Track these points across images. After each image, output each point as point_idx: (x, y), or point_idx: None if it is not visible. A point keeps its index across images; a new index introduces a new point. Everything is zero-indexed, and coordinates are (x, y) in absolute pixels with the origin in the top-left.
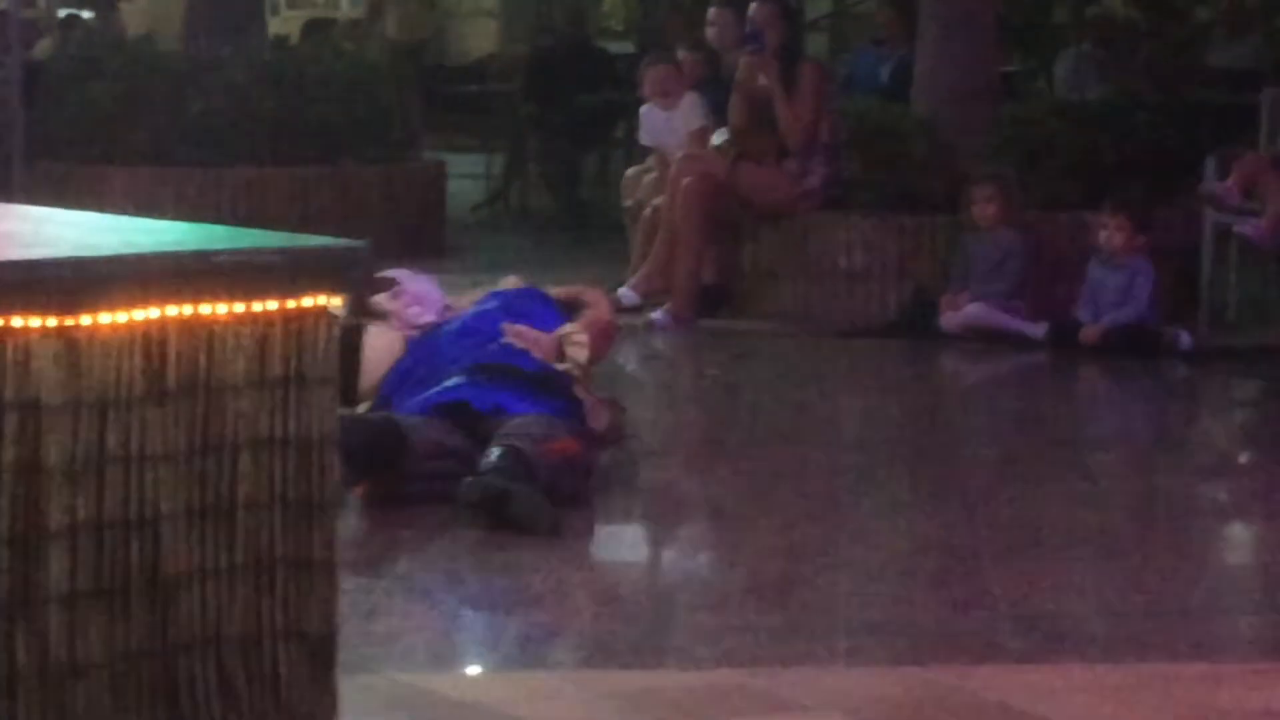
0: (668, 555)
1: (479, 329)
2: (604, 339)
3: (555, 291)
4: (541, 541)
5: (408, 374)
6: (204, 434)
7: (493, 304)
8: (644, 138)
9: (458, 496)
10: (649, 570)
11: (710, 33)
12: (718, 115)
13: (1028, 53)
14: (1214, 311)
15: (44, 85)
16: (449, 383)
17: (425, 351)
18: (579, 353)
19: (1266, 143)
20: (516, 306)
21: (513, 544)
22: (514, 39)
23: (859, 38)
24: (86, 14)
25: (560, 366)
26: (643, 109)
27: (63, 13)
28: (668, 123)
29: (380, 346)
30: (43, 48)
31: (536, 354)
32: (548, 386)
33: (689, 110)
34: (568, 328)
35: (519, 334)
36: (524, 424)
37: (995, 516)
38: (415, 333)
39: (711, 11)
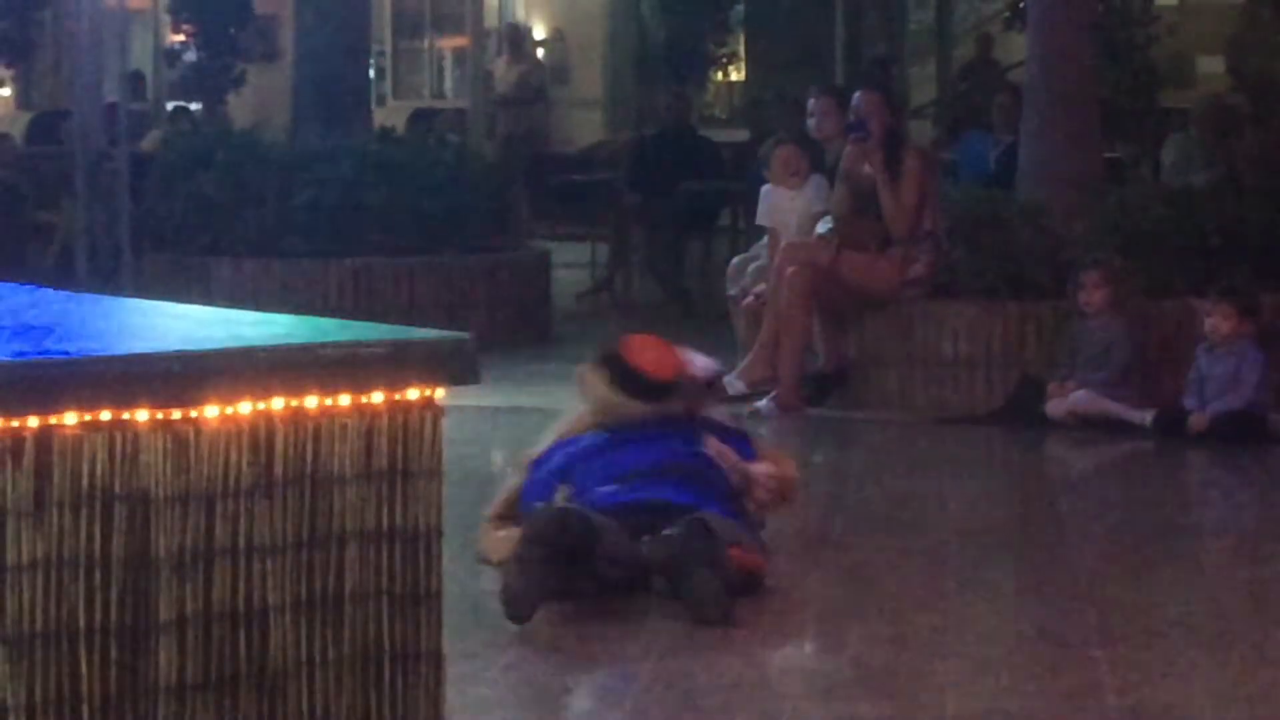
0: (773, 644)
1: (677, 435)
2: (785, 498)
3: (756, 442)
4: (647, 630)
5: (596, 454)
6: (311, 526)
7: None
8: (762, 218)
9: (640, 553)
10: (755, 659)
11: (811, 123)
12: (823, 202)
13: (1133, 138)
14: None
15: (152, 177)
16: (643, 483)
17: (620, 440)
18: (761, 495)
19: None
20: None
21: (613, 633)
22: (618, 127)
23: (967, 124)
24: (194, 106)
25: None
26: (764, 189)
27: (171, 105)
28: (790, 204)
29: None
30: (151, 140)
31: (732, 478)
32: (738, 504)
33: (814, 192)
34: (763, 468)
35: (722, 453)
36: (717, 519)
37: (1104, 606)
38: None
39: (811, 101)
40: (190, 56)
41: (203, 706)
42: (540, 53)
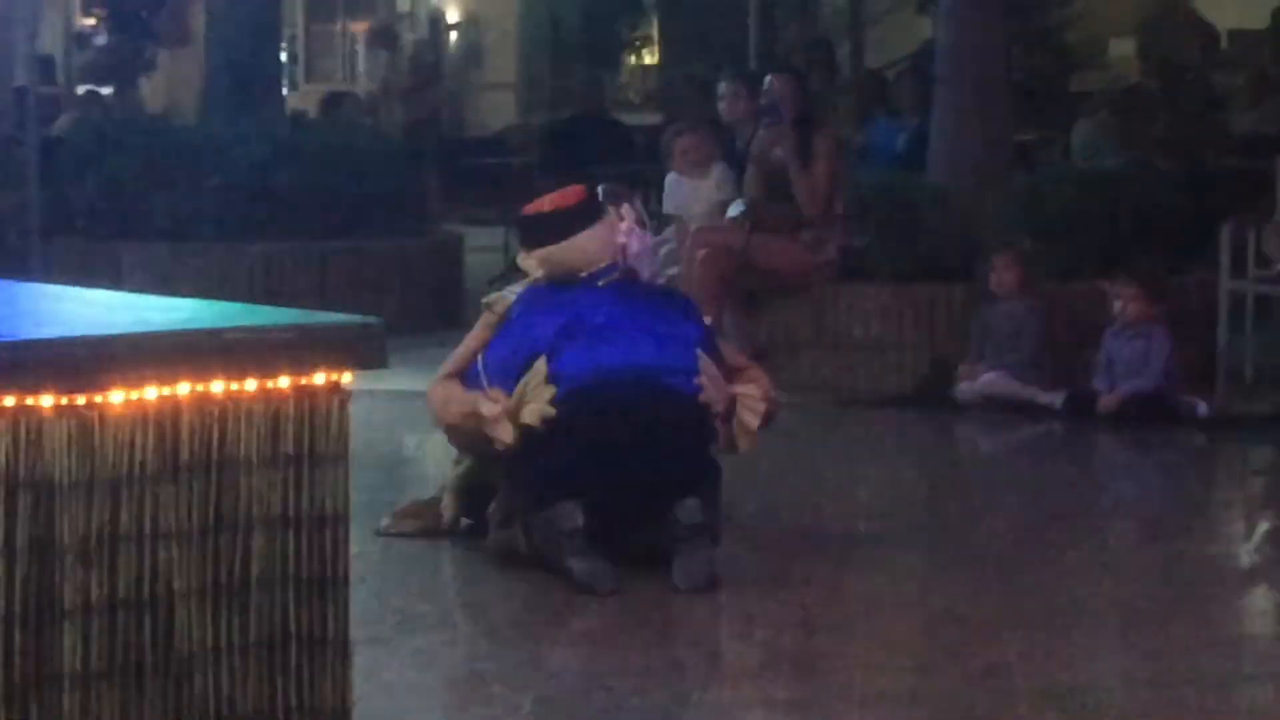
0: (687, 628)
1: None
2: (768, 419)
3: (725, 350)
4: (554, 613)
5: (580, 321)
6: (217, 511)
7: (679, 307)
8: (668, 206)
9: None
10: (666, 644)
11: (722, 106)
12: (731, 188)
13: (1044, 122)
14: (1231, 379)
15: (62, 161)
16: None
17: (608, 306)
18: (750, 420)
19: None
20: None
21: (523, 617)
22: (532, 111)
23: (877, 108)
24: (105, 90)
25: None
26: (669, 178)
27: (81, 89)
28: (694, 192)
29: (598, 239)
30: (61, 124)
31: (710, 394)
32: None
33: (718, 180)
34: (751, 390)
35: (711, 376)
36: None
37: (1013, 587)
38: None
39: (723, 85)
40: (101, 40)
41: (108, 693)
42: (453, 37)
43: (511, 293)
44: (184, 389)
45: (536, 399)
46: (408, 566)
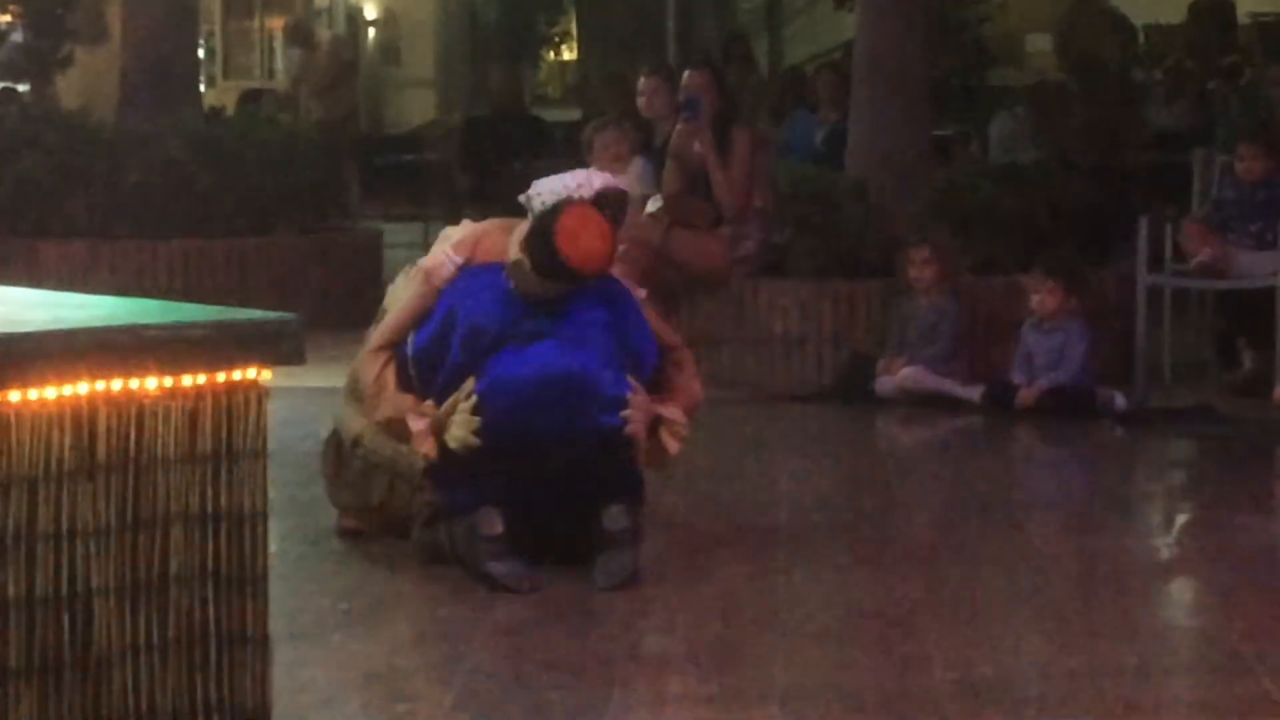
0: (604, 623)
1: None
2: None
3: (656, 325)
4: (475, 610)
5: (513, 333)
6: (135, 509)
7: (601, 311)
8: None
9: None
10: (585, 638)
11: (641, 101)
12: (651, 183)
13: (961, 116)
14: (1149, 372)
15: None
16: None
17: (545, 316)
18: (672, 445)
19: (1198, 203)
20: (628, 325)
21: (443, 613)
22: (450, 107)
23: (794, 104)
24: (22, 87)
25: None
26: None
27: None
28: None
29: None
30: None
31: (636, 427)
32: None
33: (637, 176)
34: (675, 415)
35: (636, 414)
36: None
37: (932, 580)
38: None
39: (642, 81)
40: (17, 37)
41: (26, 692)
42: (371, 33)
43: (448, 257)
44: (101, 386)
45: (462, 426)
46: (327, 563)
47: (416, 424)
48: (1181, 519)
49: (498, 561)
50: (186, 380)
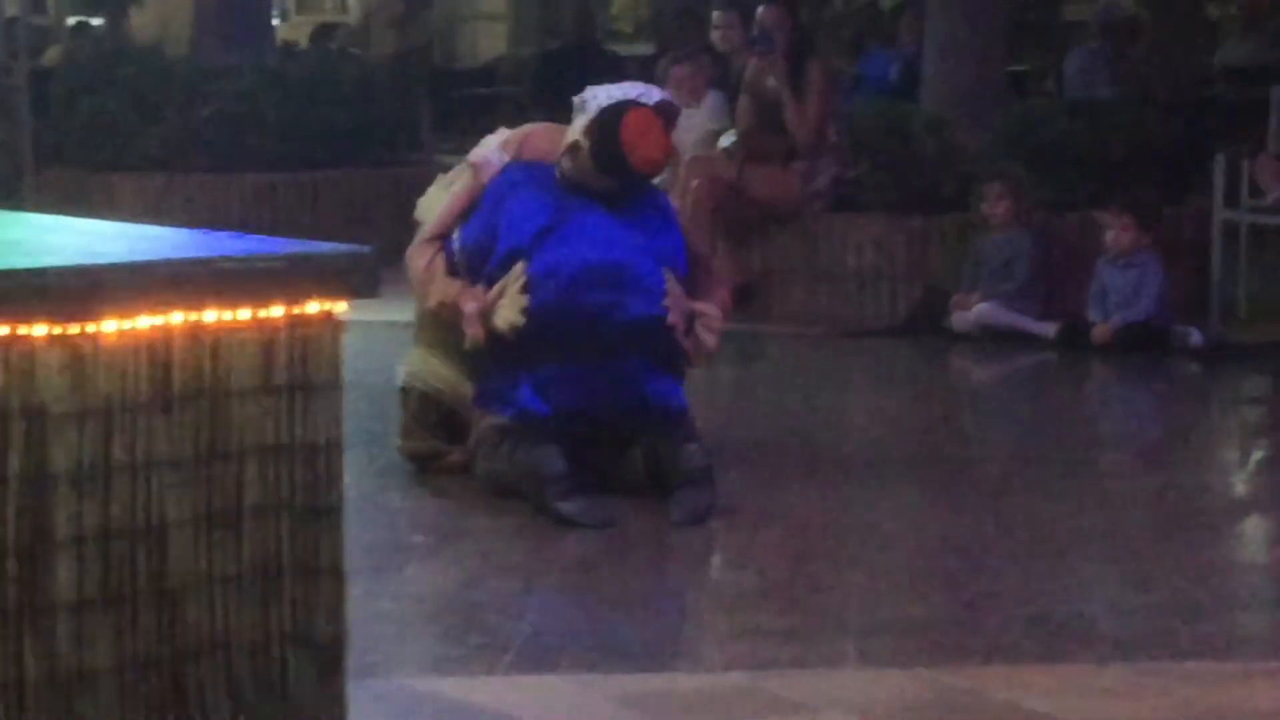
0: (677, 557)
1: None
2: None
3: (690, 236)
4: (547, 544)
5: (561, 224)
6: (210, 441)
7: (643, 209)
8: None
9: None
10: (658, 572)
11: (715, 35)
12: (724, 118)
13: (1036, 52)
14: (1224, 308)
15: (53, 93)
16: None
17: (592, 210)
18: (708, 339)
19: (1274, 138)
20: (666, 229)
21: (519, 546)
22: (522, 42)
23: (873, 38)
24: (96, 21)
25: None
26: None
27: (72, 20)
28: (688, 122)
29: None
30: (51, 55)
31: (675, 317)
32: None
33: (711, 110)
34: (709, 309)
35: (675, 296)
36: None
37: (1006, 516)
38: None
39: (716, 14)
40: None
41: (102, 622)
42: None
43: (495, 154)
44: (177, 318)
45: (510, 307)
46: (401, 495)
47: (468, 305)
48: (1257, 455)
49: (566, 500)
50: (262, 312)
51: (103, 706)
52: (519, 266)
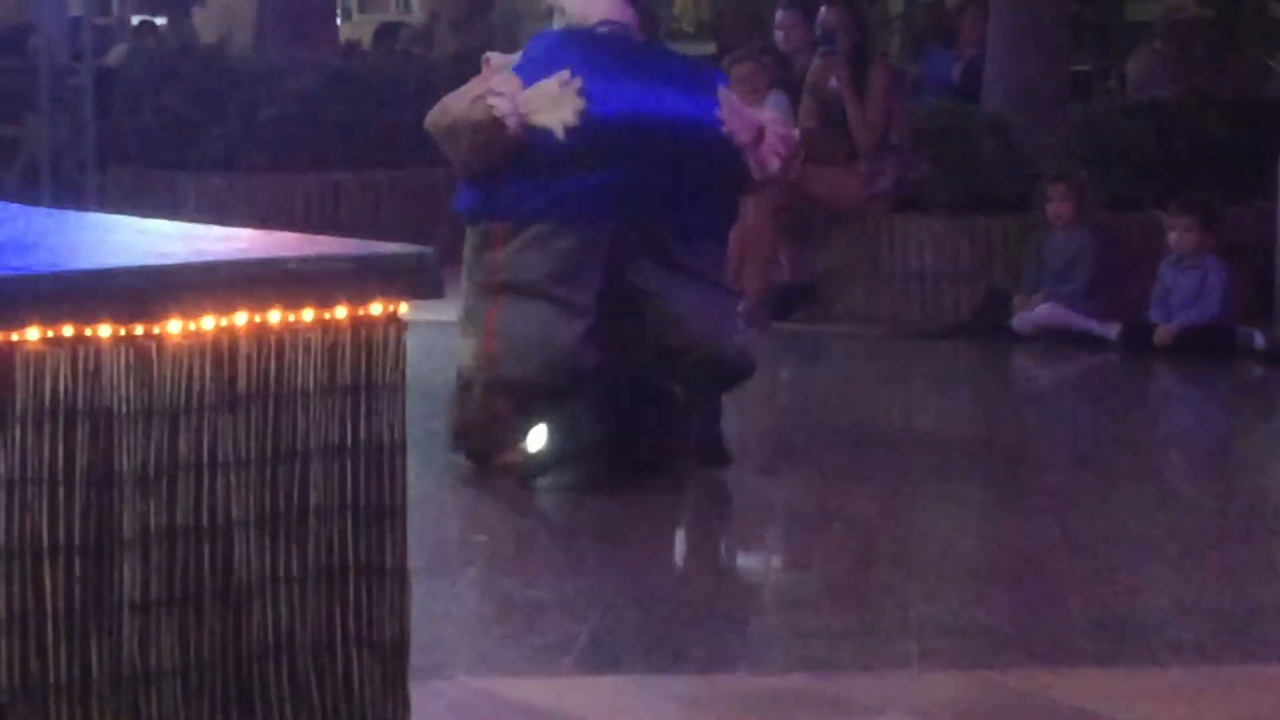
0: (740, 558)
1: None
2: (788, 162)
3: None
4: (611, 545)
5: (605, 59)
6: (275, 441)
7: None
8: None
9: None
10: (721, 573)
11: (778, 35)
12: (787, 118)
13: (1100, 52)
14: None
15: (117, 92)
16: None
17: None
18: (772, 161)
19: None
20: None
21: (582, 546)
22: None
23: (932, 39)
24: (159, 20)
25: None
26: None
27: (136, 20)
28: None
29: None
30: (116, 55)
31: (733, 125)
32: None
33: (773, 110)
34: (778, 127)
35: (735, 109)
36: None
37: (1069, 518)
38: None
39: (779, 14)
40: None
41: (167, 622)
42: None
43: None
44: (241, 319)
45: (566, 107)
46: (464, 495)
47: (498, 96)
48: None
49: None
50: (326, 313)
51: (167, 707)
52: (565, 72)
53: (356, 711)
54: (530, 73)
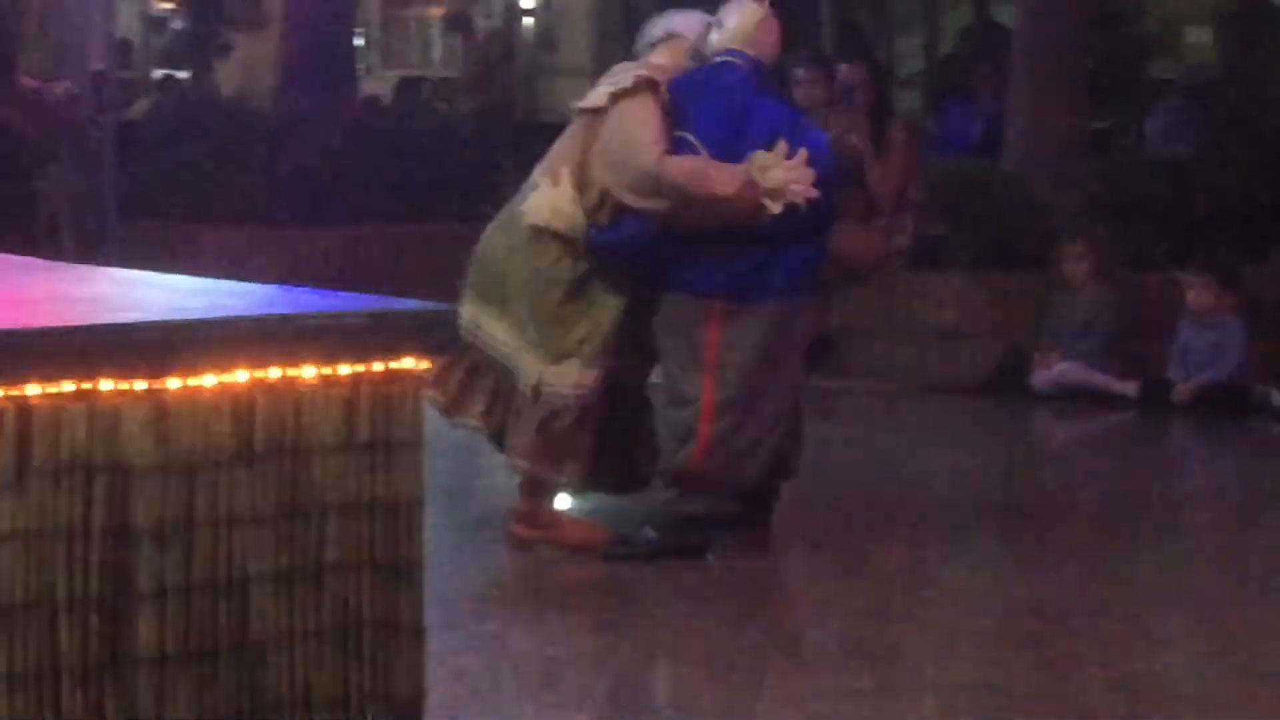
0: (756, 615)
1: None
2: None
3: None
4: (627, 602)
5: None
6: (292, 497)
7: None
8: None
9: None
10: (738, 629)
11: (798, 92)
12: None
13: (1119, 109)
14: None
15: (139, 145)
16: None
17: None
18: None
19: None
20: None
21: (598, 603)
22: None
23: (949, 95)
24: (182, 74)
25: None
26: None
27: (158, 73)
28: None
29: None
30: (138, 108)
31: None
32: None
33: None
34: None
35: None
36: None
37: (1087, 575)
38: None
39: (799, 71)
40: (178, 24)
41: (183, 677)
42: (528, 21)
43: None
44: (259, 374)
45: (802, 180)
46: (480, 552)
47: (774, 178)
48: None
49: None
50: (344, 369)
51: None
52: (782, 145)
53: None
54: (727, 117)
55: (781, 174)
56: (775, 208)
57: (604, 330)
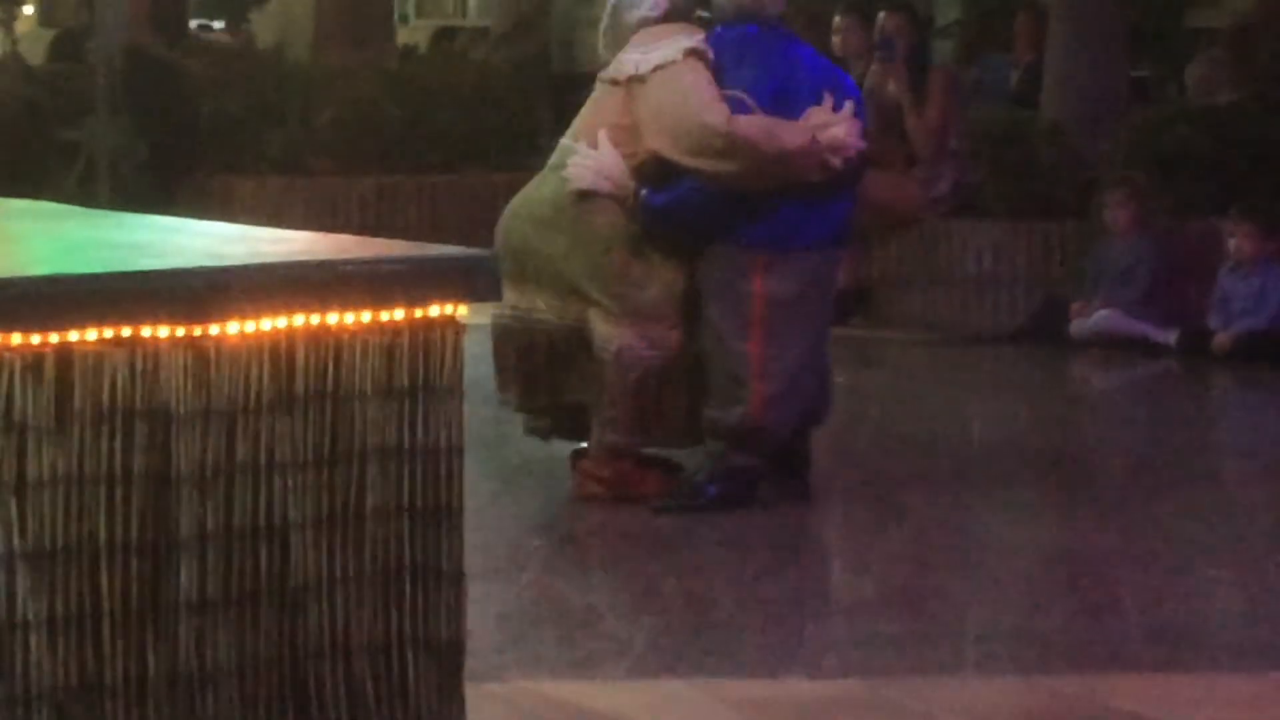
0: (795, 563)
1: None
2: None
3: None
4: (669, 549)
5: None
6: (332, 442)
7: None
8: None
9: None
10: (777, 578)
11: (835, 41)
12: None
13: (1159, 58)
14: None
15: (175, 96)
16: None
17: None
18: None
19: None
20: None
21: (640, 552)
22: None
23: (987, 45)
24: (218, 25)
25: None
26: None
27: (194, 24)
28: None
29: None
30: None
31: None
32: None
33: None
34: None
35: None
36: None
37: (1126, 524)
38: None
39: (837, 19)
40: None
41: (224, 622)
42: None
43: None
44: (299, 321)
45: (853, 134)
46: (519, 499)
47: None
48: None
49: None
50: (384, 315)
51: (223, 708)
52: (828, 99)
53: (412, 713)
54: (772, 70)
55: (840, 129)
56: (836, 162)
57: (677, 290)
